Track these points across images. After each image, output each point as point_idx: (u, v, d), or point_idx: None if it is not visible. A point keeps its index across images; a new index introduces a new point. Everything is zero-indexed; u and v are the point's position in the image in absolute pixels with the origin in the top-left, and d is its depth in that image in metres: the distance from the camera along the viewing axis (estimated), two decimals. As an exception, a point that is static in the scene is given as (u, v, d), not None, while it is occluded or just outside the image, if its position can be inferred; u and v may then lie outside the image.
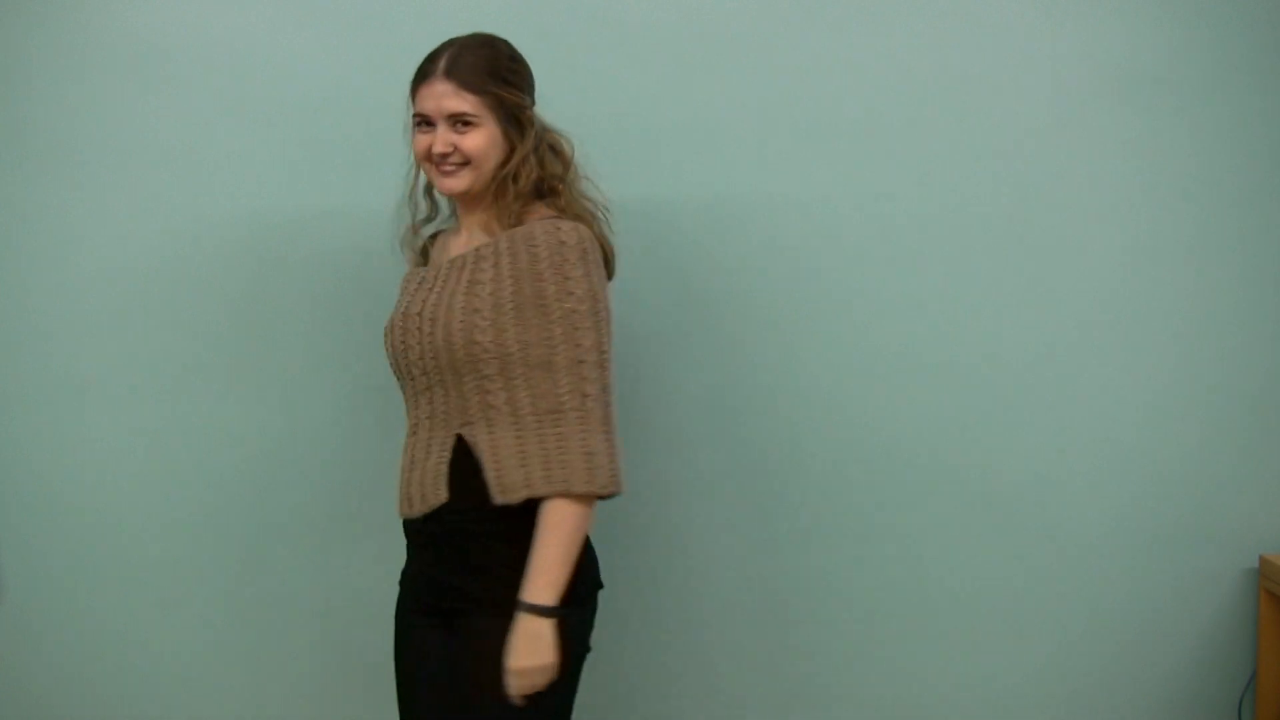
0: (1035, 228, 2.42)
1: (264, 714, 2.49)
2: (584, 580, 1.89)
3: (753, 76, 2.37)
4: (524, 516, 1.84)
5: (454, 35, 1.95)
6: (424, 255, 2.10)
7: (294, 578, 2.46)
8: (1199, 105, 2.39)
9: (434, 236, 2.11)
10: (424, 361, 1.91)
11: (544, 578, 1.81)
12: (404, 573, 2.06)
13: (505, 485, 1.83)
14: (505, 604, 1.82)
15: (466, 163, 1.90)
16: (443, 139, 1.90)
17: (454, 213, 2.08)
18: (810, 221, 2.40)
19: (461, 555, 1.90)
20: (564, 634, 1.83)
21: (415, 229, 2.09)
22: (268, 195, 2.35)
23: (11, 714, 2.46)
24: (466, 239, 1.98)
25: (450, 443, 1.89)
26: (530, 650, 1.80)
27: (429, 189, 2.06)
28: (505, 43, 1.96)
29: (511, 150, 1.92)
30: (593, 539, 1.94)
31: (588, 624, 1.93)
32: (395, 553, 2.07)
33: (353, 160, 2.34)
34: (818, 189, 2.39)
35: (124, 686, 2.47)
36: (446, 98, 1.88)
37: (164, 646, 2.46)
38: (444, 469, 1.89)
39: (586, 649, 1.93)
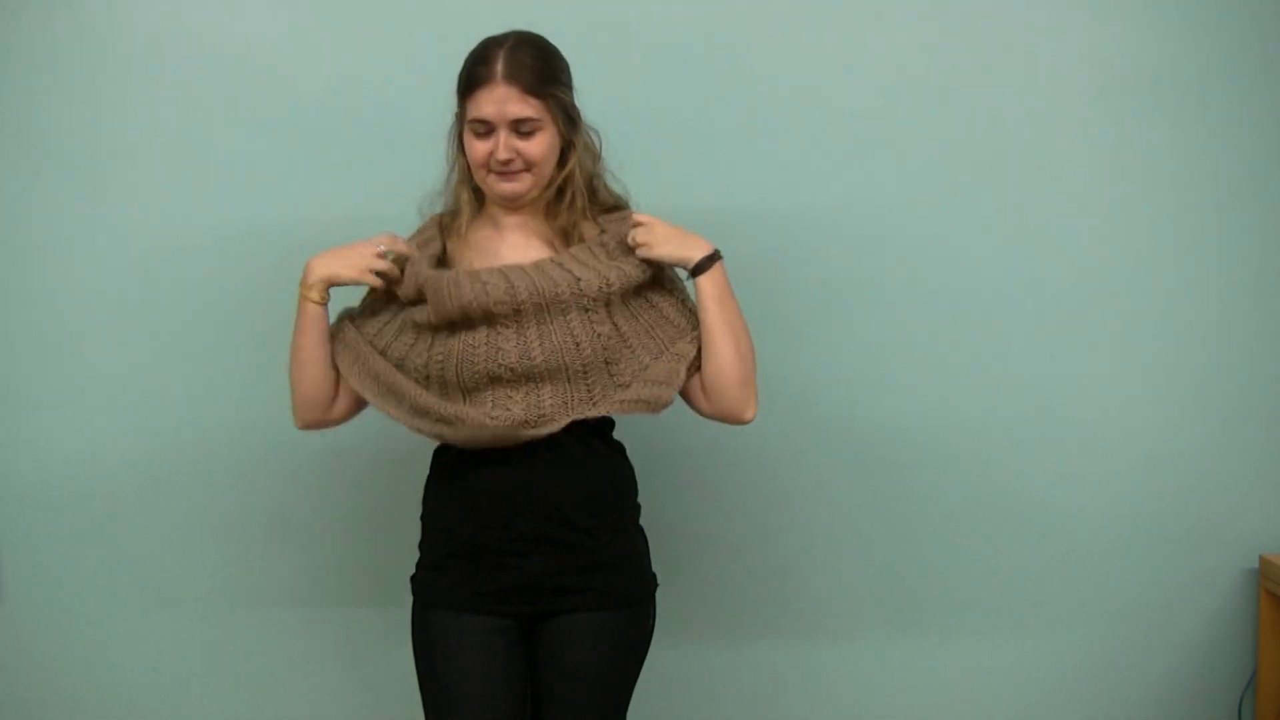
0: (1036, 229, 2.42)
1: (263, 714, 2.49)
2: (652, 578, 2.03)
3: (753, 79, 2.37)
4: (634, 513, 1.99)
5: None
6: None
7: (293, 578, 2.46)
8: (1200, 105, 2.40)
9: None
10: (526, 362, 1.87)
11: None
12: (452, 589, 1.95)
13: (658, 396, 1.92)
14: (621, 596, 1.94)
15: (529, 167, 1.88)
16: (505, 145, 1.86)
17: (469, 206, 1.98)
18: (811, 223, 2.40)
19: (575, 555, 1.91)
20: (647, 624, 1.99)
21: (451, 229, 1.98)
22: (269, 196, 2.35)
23: (11, 714, 2.46)
24: (523, 238, 1.95)
25: (561, 435, 1.88)
26: (688, 238, 1.93)
27: (474, 189, 1.96)
28: (544, 39, 1.91)
29: (565, 148, 1.91)
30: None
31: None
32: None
33: (354, 161, 2.34)
34: (818, 191, 2.39)
35: (123, 686, 2.47)
36: (510, 103, 1.83)
37: (163, 646, 2.47)
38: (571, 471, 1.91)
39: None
